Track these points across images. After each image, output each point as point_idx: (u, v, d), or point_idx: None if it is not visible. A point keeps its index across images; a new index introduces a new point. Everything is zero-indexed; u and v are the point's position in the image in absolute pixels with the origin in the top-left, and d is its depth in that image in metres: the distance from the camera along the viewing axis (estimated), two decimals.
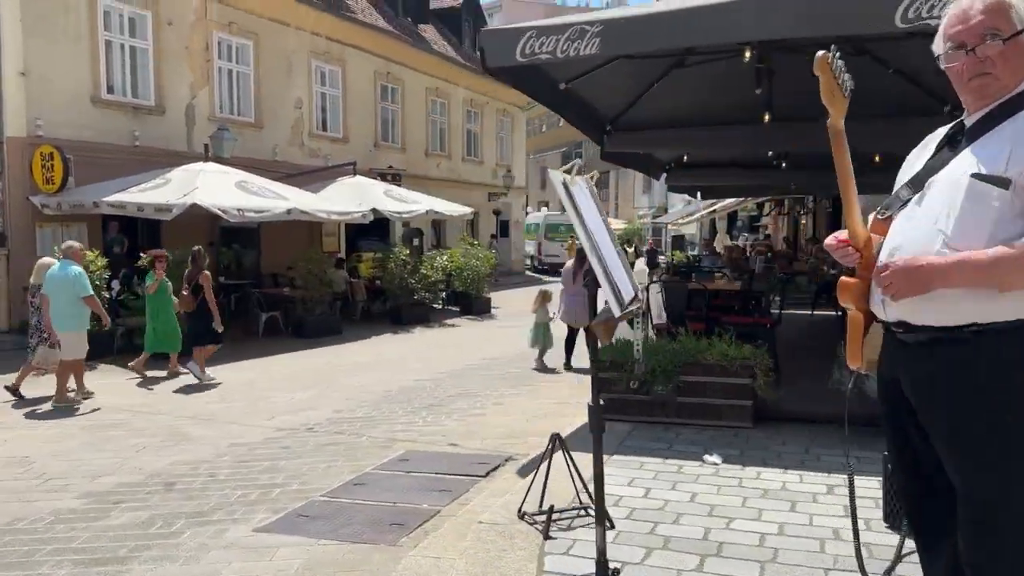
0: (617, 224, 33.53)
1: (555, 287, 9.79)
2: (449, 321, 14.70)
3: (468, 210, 16.99)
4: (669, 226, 38.25)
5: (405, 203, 14.81)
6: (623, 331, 5.92)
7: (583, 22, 4.39)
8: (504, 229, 28.11)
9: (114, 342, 9.85)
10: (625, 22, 4.39)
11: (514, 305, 15.91)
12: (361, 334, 12.37)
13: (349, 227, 18.00)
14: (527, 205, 32.85)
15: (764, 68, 5.62)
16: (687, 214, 31.89)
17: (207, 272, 8.54)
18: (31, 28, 11.31)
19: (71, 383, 7.41)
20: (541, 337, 9.21)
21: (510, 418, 6.64)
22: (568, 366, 8.97)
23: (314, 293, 12.16)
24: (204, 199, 10.00)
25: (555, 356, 9.22)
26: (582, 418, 4.33)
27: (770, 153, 8.34)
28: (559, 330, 9.27)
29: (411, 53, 20.86)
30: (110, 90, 12.63)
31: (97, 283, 9.09)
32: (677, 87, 6.59)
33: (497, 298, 17.20)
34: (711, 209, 18.08)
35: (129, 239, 12.95)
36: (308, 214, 11.75)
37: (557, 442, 3.77)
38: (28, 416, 6.94)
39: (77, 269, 7.36)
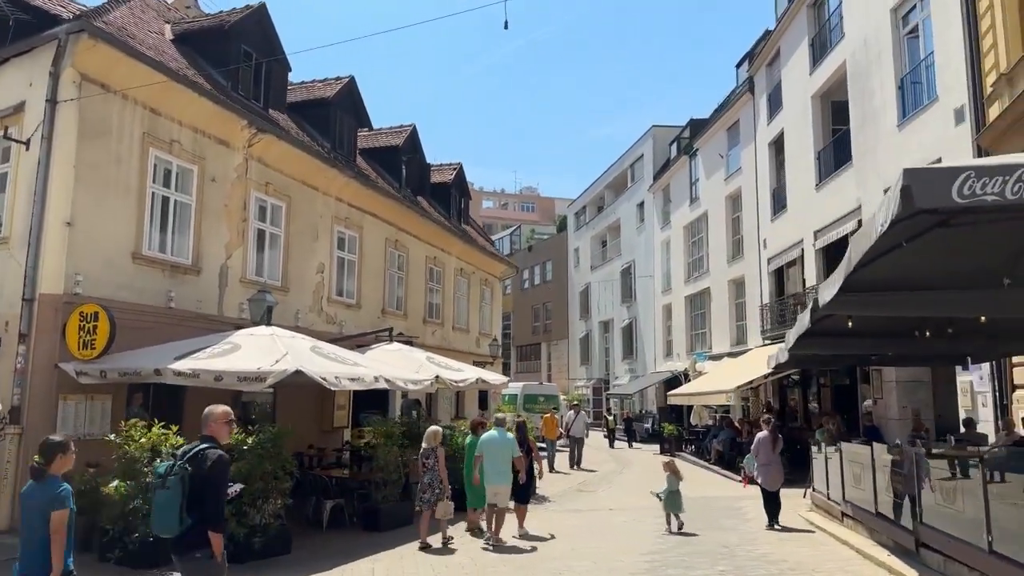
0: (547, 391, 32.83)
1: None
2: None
3: (505, 379, 15.96)
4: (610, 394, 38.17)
5: (452, 370, 13.71)
6: None
7: None
8: (483, 400, 26.91)
9: None
10: None
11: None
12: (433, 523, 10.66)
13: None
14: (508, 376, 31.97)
15: None
16: (657, 382, 31.79)
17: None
18: (82, 176, 10.16)
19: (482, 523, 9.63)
20: (676, 504, 10.04)
21: None
22: (772, 525, 10.59)
23: (390, 475, 10.55)
24: (306, 366, 8.64)
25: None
26: None
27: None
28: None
29: (416, 221, 20.62)
30: (151, 246, 11.35)
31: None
32: (926, 248, 6.19)
33: None
34: (749, 381, 17.73)
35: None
36: (391, 382, 10.47)
37: None
38: None
39: (512, 435, 9.96)
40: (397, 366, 12.24)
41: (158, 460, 4.77)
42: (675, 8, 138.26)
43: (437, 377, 12.34)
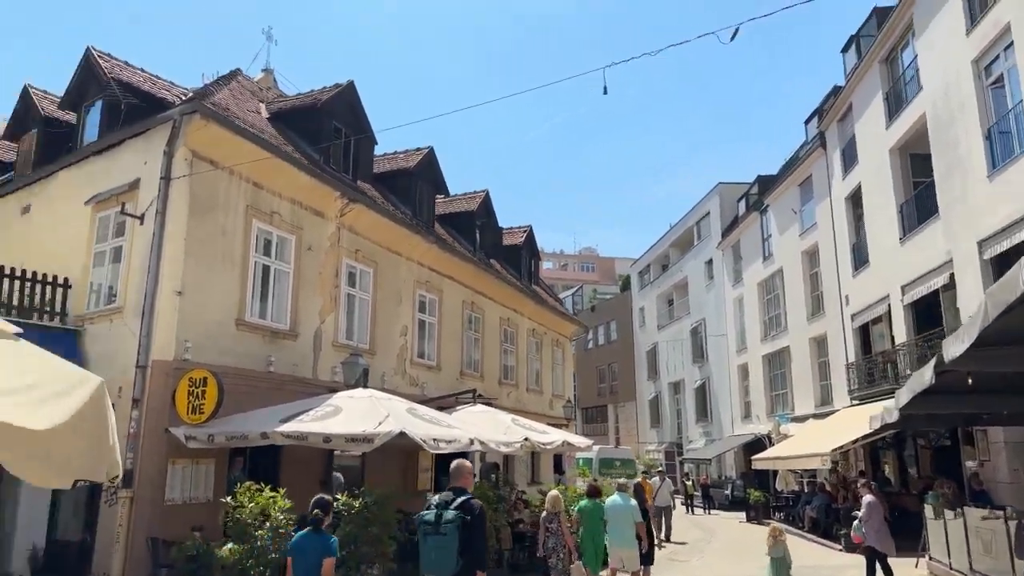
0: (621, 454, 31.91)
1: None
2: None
3: (589, 441, 15.72)
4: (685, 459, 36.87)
5: (538, 432, 13.60)
6: None
7: None
8: (558, 464, 26.46)
9: None
10: None
11: None
12: None
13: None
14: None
15: None
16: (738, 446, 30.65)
17: None
18: (192, 248, 10.71)
19: None
20: (785, 572, 9.38)
21: None
22: None
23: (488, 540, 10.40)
24: (408, 428, 8.72)
25: None
26: None
27: None
28: None
29: (491, 283, 20.87)
30: (253, 313, 11.79)
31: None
32: None
33: None
34: (853, 440, 16.87)
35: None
36: (485, 444, 10.45)
37: None
38: None
39: (634, 501, 10.15)
40: (486, 428, 12.21)
41: (428, 509, 5.13)
42: (733, 68, 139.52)
43: (526, 439, 12.23)
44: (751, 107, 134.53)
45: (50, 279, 11.36)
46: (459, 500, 5.12)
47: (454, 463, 5.49)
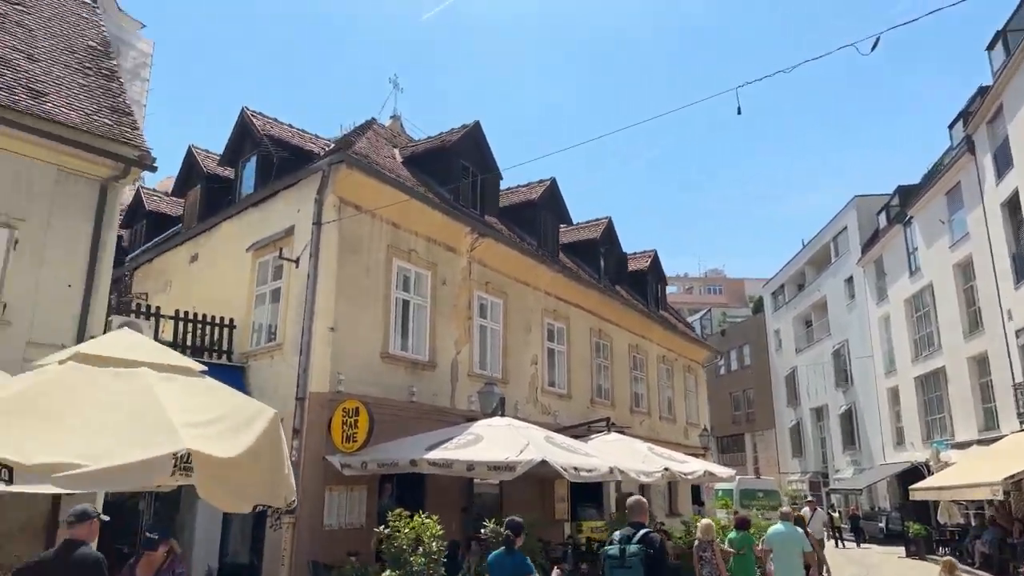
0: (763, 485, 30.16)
1: None
2: None
3: (731, 471, 15.27)
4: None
5: (678, 462, 13.36)
6: None
7: None
8: (696, 495, 25.67)
9: None
10: None
11: None
12: None
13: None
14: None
15: None
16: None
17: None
18: (342, 287, 11.51)
19: None
20: None
21: None
22: None
23: None
24: (549, 456, 8.91)
25: None
26: None
27: None
28: None
29: (617, 310, 20.84)
30: (395, 346, 12.45)
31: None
32: None
33: None
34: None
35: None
36: (625, 474, 10.44)
37: None
38: None
39: (800, 530, 10.12)
40: (623, 457, 12.16)
41: (611, 544, 5.74)
42: (856, 79, 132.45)
43: (666, 469, 12.06)
44: (882, 115, 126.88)
45: (218, 320, 12.53)
46: (640, 534, 5.52)
47: (632, 499, 5.90)
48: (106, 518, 5.02)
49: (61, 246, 9.17)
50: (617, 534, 5.72)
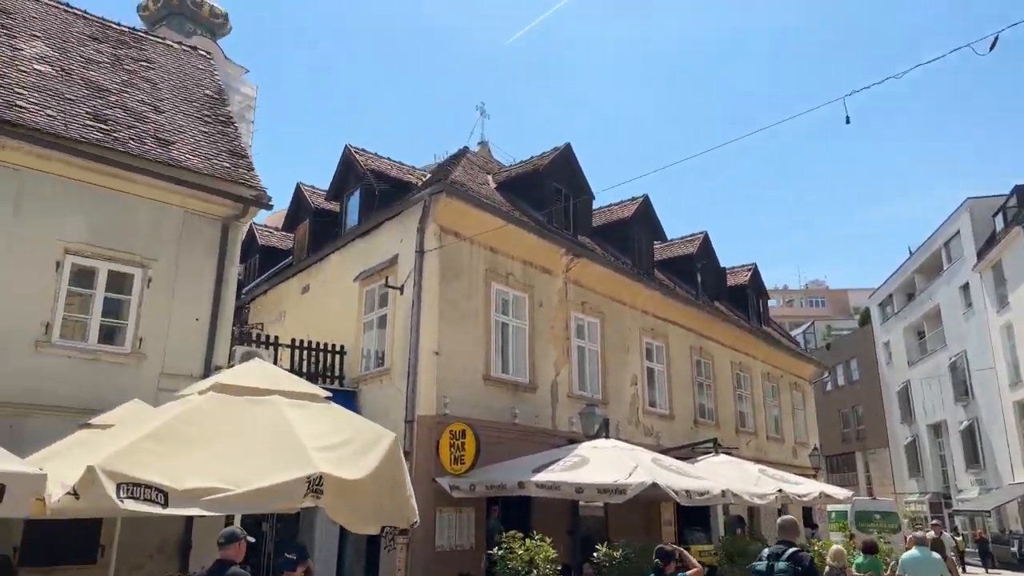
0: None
1: None
2: None
3: (848, 492, 14.59)
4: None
5: (791, 483, 12.88)
6: None
7: None
8: (808, 517, 24.52)
9: None
10: None
11: None
12: None
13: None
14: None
15: None
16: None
17: None
18: (444, 312, 11.81)
19: None
20: None
21: None
22: None
23: None
24: (660, 479, 8.81)
25: None
26: None
27: None
28: None
29: (718, 327, 20.35)
30: (497, 369, 12.63)
31: None
32: None
33: None
34: None
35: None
36: (739, 497, 10.18)
37: None
38: None
39: (937, 555, 9.46)
40: (733, 478, 11.83)
41: (760, 559, 5.95)
42: (946, 83, 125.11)
43: (780, 490, 11.65)
44: (992, 113, 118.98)
45: (330, 347, 13.08)
46: (789, 551, 5.65)
47: (783, 518, 6.04)
48: (252, 539, 5.31)
49: (188, 283, 9.87)
50: (766, 551, 5.86)
